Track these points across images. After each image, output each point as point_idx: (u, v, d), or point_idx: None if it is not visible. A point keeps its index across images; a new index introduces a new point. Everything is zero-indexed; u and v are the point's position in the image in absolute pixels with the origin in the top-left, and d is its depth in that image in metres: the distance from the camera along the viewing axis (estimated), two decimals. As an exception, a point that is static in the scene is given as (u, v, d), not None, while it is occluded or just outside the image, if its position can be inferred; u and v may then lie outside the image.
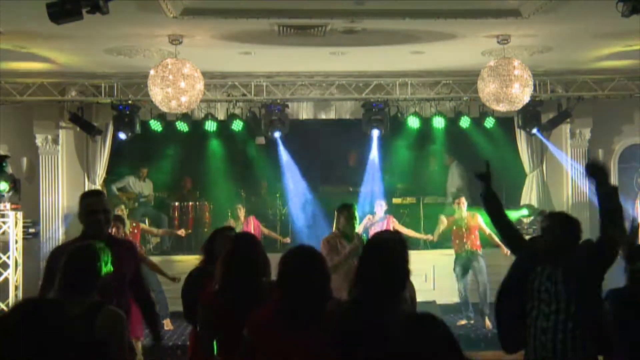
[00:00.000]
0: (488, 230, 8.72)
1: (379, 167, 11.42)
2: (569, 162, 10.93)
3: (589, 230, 10.42)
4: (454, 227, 9.11)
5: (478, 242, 9.03)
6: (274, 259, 3.41)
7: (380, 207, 9.80)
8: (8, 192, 9.03)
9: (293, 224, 11.56)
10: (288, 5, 6.79)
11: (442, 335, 2.24)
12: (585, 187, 10.84)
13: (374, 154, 11.30)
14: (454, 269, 9.12)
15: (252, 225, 10.10)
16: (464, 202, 9.17)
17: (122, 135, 10.09)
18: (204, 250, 4.97)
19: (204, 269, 4.72)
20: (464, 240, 8.99)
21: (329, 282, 3.13)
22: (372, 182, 11.54)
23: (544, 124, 10.66)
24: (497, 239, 8.29)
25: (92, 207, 4.23)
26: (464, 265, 9.05)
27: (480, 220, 8.87)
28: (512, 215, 9.51)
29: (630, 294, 4.06)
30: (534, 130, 10.56)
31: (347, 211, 6.01)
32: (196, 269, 4.85)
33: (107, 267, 3.38)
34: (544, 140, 10.85)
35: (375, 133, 10.47)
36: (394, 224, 9.57)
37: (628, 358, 3.96)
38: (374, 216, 9.70)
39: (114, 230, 7.42)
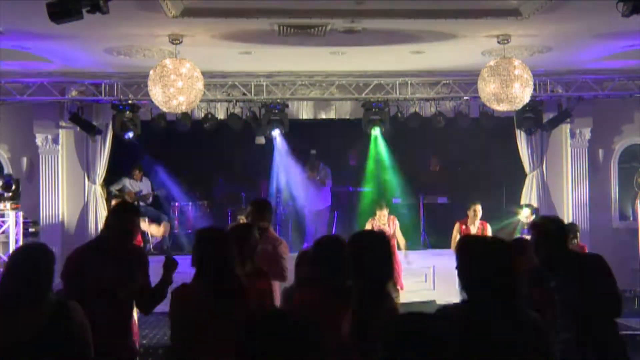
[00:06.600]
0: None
1: (380, 168, 11.41)
2: (569, 162, 10.93)
3: (589, 230, 10.53)
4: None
5: None
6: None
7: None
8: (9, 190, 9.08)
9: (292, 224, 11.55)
10: (288, 5, 6.78)
11: None
12: (586, 187, 10.84)
13: (375, 154, 11.29)
14: None
15: None
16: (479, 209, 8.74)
17: (130, 134, 10.06)
18: None
19: None
20: None
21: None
22: (373, 182, 11.54)
23: (544, 124, 10.66)
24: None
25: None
26: None
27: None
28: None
29: None
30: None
31: None
32: None
33: None
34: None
35: (376, 133, 10.47)
36: (395, 228, 9.03)
37: None
38: (375, 218, 9.52)
39: None
